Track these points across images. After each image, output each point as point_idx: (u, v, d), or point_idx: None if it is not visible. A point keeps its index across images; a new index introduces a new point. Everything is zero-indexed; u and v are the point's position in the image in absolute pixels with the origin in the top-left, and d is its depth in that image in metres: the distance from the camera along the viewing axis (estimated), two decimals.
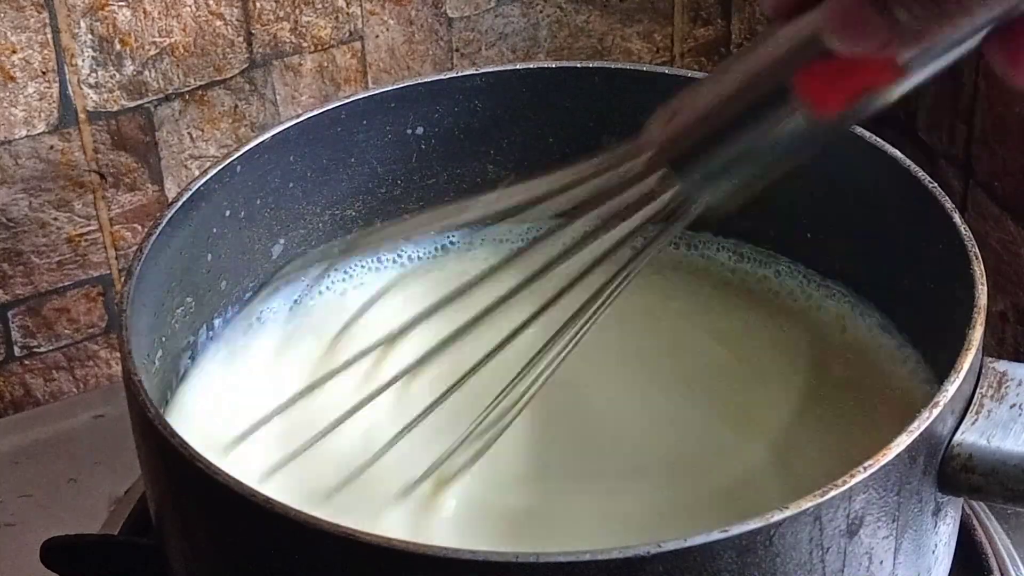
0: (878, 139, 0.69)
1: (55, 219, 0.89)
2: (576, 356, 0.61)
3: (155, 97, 0.89)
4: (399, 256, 0.78)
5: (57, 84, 0.86)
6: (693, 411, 0.69)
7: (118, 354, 0.92)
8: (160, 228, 0.65)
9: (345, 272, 0.77)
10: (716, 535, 0.51)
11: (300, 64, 0.92)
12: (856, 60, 0.46)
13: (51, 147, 0.87)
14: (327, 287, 0.76)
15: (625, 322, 0.70)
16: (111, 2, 0.85)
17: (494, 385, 0.62)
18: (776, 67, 0.49)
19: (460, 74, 0.75)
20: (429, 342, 0.62)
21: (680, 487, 0.65)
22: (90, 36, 0.85)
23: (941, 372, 0.58)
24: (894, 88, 0.48)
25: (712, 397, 0.70)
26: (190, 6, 0.87)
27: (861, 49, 0.45)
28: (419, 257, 0.78)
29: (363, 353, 0.66)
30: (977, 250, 0.62)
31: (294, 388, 0.71)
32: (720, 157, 0.52)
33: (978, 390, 0.59)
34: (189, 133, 0.91)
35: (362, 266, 0.77)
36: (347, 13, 0.92)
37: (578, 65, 0.76)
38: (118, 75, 0.87)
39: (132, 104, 0.88)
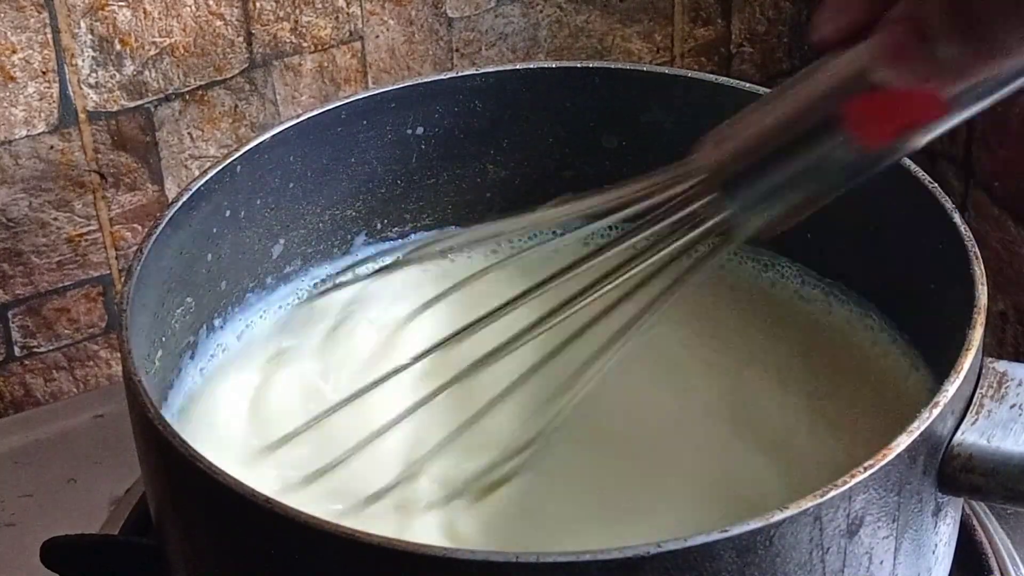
0: None
1: (55, 219, 0.89)
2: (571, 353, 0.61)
3: (155, 97, 0.89)
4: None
5: (57, 84, 0.86)
6: (693, 411, 0.69)
7: (118, 354, 0.92)
8: (160, 228, 0.65)
9: (342, 273, 0.77)
10: (716, 535, 0.51)
11: (300, 64, 0.92)
12: (903, 94, 0.47)
13: (51, 147, 0.87)
14: (326, 286, 0.76)
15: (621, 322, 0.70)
16: (111, 2, 0.85)
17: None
18: (826, 97, 0.50)
19: (460, 74, 0.75)
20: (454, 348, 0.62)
21: (680, 486, 0.65)
22: (90, 36, 0.85)
23: (941, 372, 0.58)
24: (940, 123, 0.48)
25: (711, 397, 0.70)
26: (190, 6, 0.87)
27: (906, 82, 0.46)
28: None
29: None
30: (977, 250, 0.62)
31: (293, 387, 0.71)
32: (769, 182, 0.52)
33: (978, 390, 0.59)
34: (189, 133, 0.91)
35: (361, 264, 0.77)
36: (347, 13, 0.92)
37: (578, 65, 0.76)
38: (118, 75, 0.87)
39: (132, 104, 0.88)
